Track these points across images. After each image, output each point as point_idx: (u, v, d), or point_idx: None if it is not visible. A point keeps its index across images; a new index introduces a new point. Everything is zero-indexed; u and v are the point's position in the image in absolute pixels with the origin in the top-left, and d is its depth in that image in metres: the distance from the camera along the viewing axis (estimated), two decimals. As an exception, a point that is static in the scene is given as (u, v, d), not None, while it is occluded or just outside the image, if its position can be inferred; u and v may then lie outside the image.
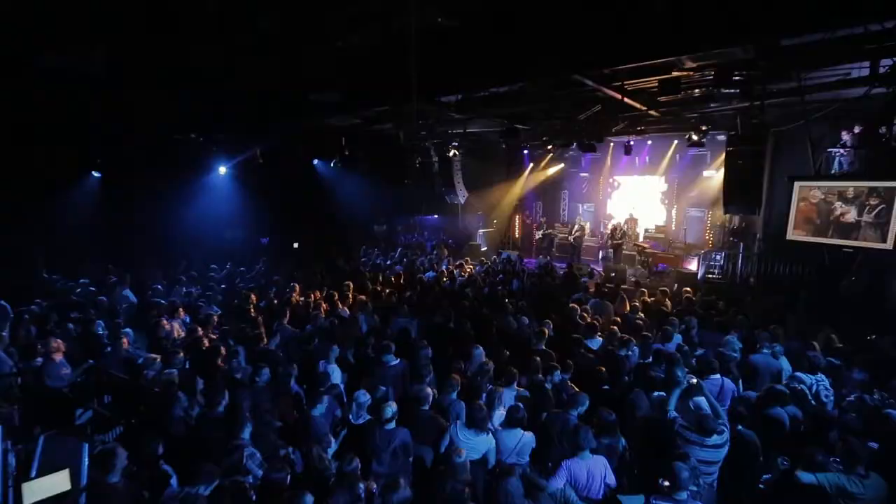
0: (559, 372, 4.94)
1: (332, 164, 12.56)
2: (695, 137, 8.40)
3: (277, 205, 12.68)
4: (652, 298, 8.53)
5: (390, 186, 14.82)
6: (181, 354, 4.96)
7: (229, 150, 11.33)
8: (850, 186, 7.76)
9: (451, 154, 12.62)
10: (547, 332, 6.01)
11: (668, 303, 8.13)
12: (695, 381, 4.19)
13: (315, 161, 13.39)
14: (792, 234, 8.65)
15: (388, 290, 8.14)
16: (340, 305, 7.53)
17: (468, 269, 10.97)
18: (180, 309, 6.74)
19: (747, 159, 8.21)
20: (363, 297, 7.66)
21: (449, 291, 8.59)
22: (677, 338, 6.41)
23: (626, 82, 6.78)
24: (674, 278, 10.62)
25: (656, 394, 4.85)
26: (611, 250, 13.92)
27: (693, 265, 12.01)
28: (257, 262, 11.01)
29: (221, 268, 10.29)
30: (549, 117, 10.17)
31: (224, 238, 12.59)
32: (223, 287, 8.96)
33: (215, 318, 6.55)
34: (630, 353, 5.73)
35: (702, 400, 4.16)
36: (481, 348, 5.53)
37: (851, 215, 7.81)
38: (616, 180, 16.85)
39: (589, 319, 6.81)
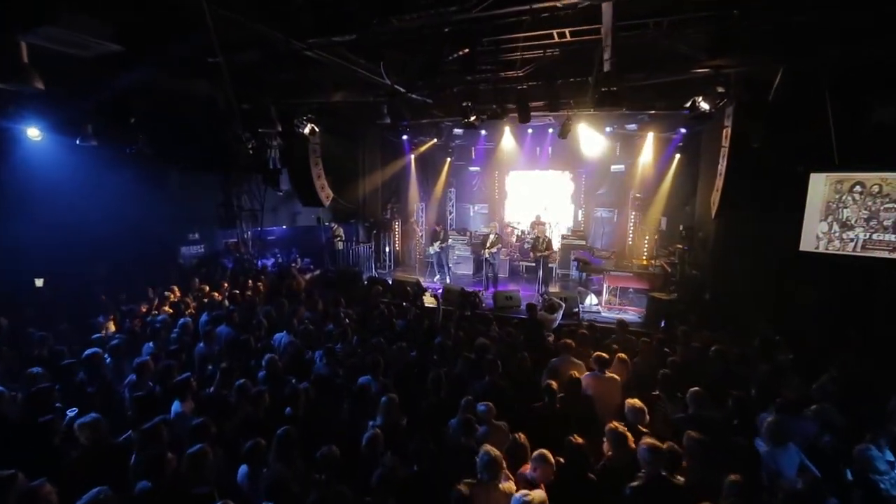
0: None
1: (77, 142, 6.77)
2: (704, 106, 5.52)
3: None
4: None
5: (208, 183, 9.47)
6: None
7: None
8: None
9: (307, 131, 7.99)
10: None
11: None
12: None
13: (33, 134, 6.80)
14: (806, 244, 6.47)
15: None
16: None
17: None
18: None
19: (767, 140, 5.62)
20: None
21: (330, 386, 4.18)
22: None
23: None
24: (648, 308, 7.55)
25: None
26: (526, 264, 10.93)
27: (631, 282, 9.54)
28: None
29: None
30: (469, 69, 6.43)
31: None
32: None
33: None
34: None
35: None
36: None
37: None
38: (514, 175, 14.08)
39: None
